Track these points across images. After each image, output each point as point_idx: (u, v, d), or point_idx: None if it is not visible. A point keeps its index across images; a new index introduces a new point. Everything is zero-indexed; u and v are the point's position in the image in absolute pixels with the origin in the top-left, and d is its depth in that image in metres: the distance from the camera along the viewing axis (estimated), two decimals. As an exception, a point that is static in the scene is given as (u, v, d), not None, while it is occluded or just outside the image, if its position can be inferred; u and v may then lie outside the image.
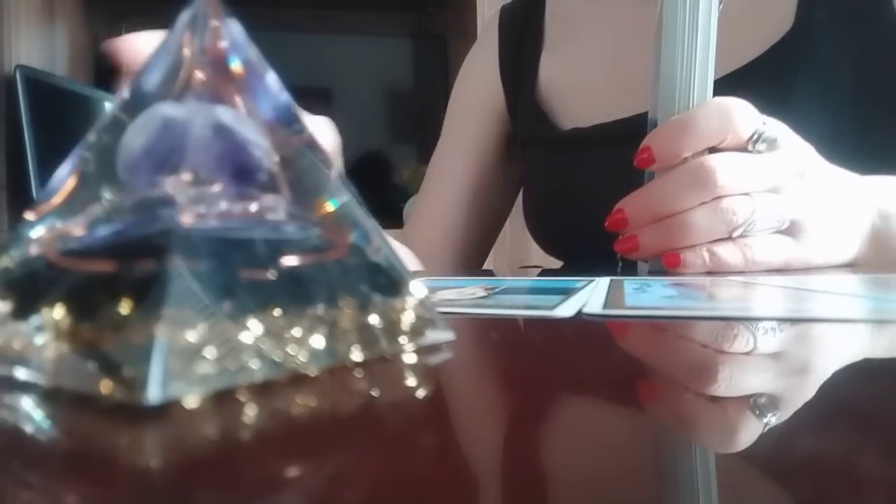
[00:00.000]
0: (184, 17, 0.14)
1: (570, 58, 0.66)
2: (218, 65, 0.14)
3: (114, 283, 0.12)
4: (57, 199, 0.14)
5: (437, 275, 0.42)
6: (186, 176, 0.12)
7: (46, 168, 1.14)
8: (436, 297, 0.26)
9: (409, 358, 0.14)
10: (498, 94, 0.71)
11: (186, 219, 0.12)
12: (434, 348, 0.15)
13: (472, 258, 0.72)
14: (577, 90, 0.64)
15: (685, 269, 0.39)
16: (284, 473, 0.08)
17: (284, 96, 0.15)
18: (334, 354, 0.13)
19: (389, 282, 0.15)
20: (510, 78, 0.71)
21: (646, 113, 0.44)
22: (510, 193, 0.75)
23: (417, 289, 0.16)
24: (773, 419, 0.10)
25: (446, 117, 0.76)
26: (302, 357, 0.12)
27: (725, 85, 0.41)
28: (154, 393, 0.10)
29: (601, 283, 0.30)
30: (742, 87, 0.40)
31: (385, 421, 0.10)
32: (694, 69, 0.40)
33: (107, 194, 0.13)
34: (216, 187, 0.13)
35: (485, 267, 0.72)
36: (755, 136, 0.39)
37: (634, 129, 0.43)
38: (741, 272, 0.38)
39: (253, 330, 0.12)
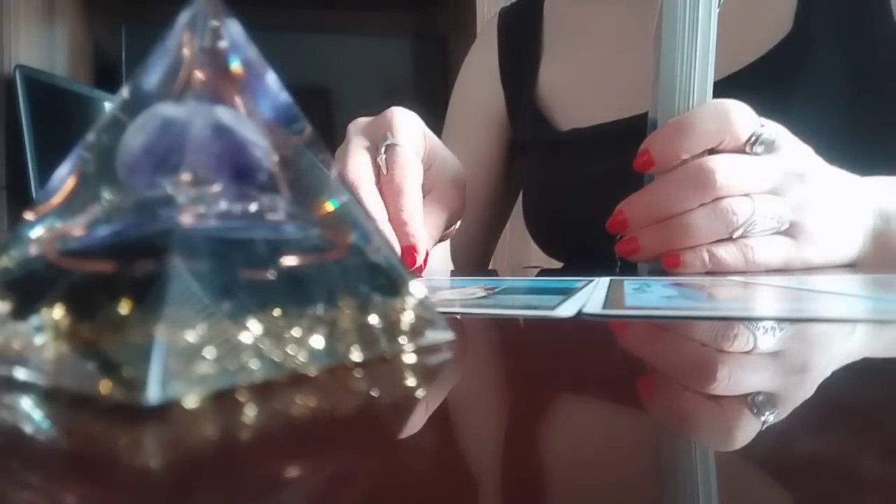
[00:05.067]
0: (184, 17, 0.14)
1: (569, 60, 0.66)
2: (218, 65, 0.14)
3: (113, 283, 0.12)
4: (57, 199, 0.14)
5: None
6: (186, 176, 0.12)
7: (46, 168, 1.14)
8: (436, 297, 0.26)
9: (409, 358, 0.14)
10: (498, 99, 0.72)
11: (186, 219, 0.12)
12: (434, 348, 0.15)
13: (474, 260, 0.72)
14: (576, 92, 0.65)
15: (685, 270, 0.39)
16: (284, 473, 0.08)
17: (284, 96, 0.15)
18: (334, 354, 0.13)
19: (389, 282, 0.15)
20: (510, 82, 0.71)
21: (645, 114, 0.44)
22: (511, 196, 0.76)
23: (417, 289, 0.16)
24: (770, 417, 0.10)
25: (446, 122, 0.76)
26: (302, 357, 0.12)
27: (724, 88, 0.42)
28: (153, 393, 0.10)
29: (601, 283, 0.30)
30: (741, 90, 0.40)
31: (385, 421, 0.10)
32: (694, 70, 0.40)
33: (107, 194, 0.13)
34: (216, 187, 0.13)
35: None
36: (753, 138, 0.39)
37: (633, 129, 0.43)
38: (741, 272, 0.38)
39: (253, 330, 0.12)
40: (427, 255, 0.42)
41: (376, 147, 0.44)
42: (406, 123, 0.45)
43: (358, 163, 0.43)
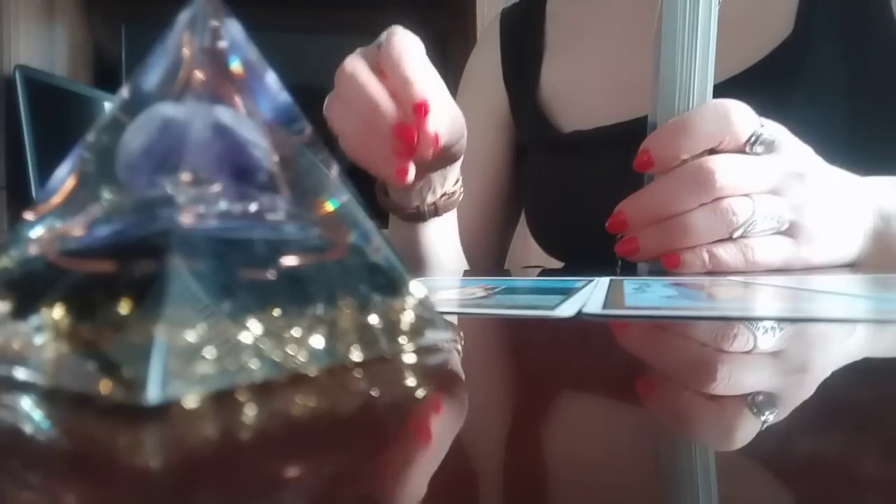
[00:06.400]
0: (183, 17, 0.14)
1: (572, 62, 0.66)
2: (218, 65, 0.14)
3: (113, 283, 0.12)
4: (57, 199, 0.14)
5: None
6: (186, 176, 0.12)
7: (46, 168, 1.14)
8: (436, 297, 0.26)
9: (409, 358, 0.14)
10: (503, 99, 0.72)
11: (186, 219, 0.12)
12: (434, 348, 0.15)
13: (488, 259, 0.72)
14: (579, 94, 0.65)
15: (685, 270, 0.39)
16: (284, 473, 0.08)
17: (284, 96, 0.15)
18: (334, 354, 0.13)
19: (389, 282, 0.15)
20: (513, 83, 0.71)
21: (646, 116, 0.44)
22: (521, 194, 0.76)
23: (417, 289, 0.16)
24: (770, 417, 0.10)
25: None
26: (302, 357, 0.12)
27: (725, 89, 0.42)
28: (153, 393, 0.10)
29: (601, 283, 0.30)
30: (741, 92, 0.40)
31: (385, 421, 0.10)
32: (693, 71, 0.40)
33: (106, 194, 0.13)
34: (216, 187, 0.13)
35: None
36: (753, 138, 0.39)
37: (635, 131, 0.43)
38: (741, 272, 0.38)
39: (253, 330, 0.12)
40: (438, 138, 0.39)
41: (373, 52, 0.42)
42: (405, 30, 0.44)
43: (353, 61, 0.41)
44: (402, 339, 0.15)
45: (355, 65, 0.41)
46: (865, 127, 0.52)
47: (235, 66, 0.14)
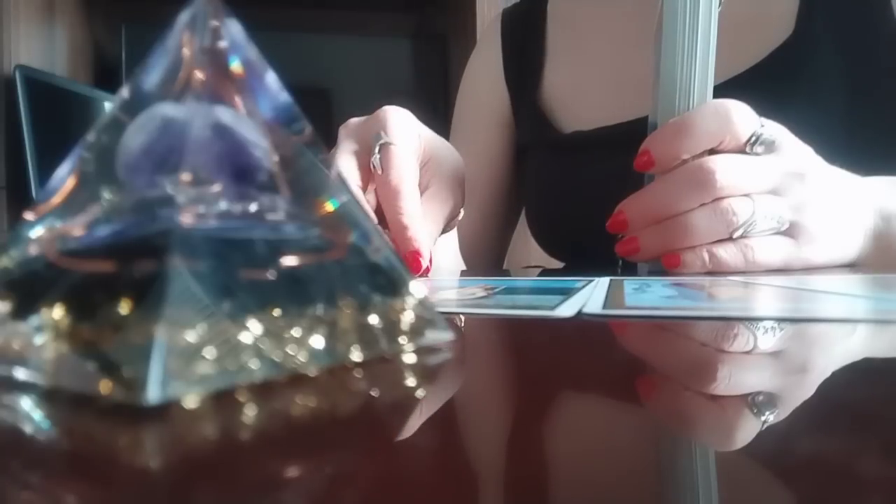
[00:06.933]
0: (183, 17, 0.14)
1: (573, 62, 0.66)
2: (218, 65, 0.14)
3: (113, 283, 0.12)
4: (57, 199, 0.14)
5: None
6: (186, 176, 0.12)
7: (46, 168, 1.14)
8: (436, 297, 0.26)
9: (409, 358, 0.14)
10: (503, 100, 0.72)
11: (186, 219, 0.12)
12: (434, 348, 0.15)
13: (487, 259, 0.72)
14: (580, 94, 0.65)
15: (685, 270, 0.39)
16: (284, 473, 0.08)
17: (284, 96, 0.15)
18: (334, 354, 0.13)
19: (389, 282, 0.15)
20: (514, 83, 0.71)
21: (647, 116, 0.44)
22: (521, 195, 0.76)
23: (417, 289, 0.16)
24: (770, 417, 0.10)
25: (453, 123, 0.76)
26: (301, 357, 0.12)
27: (725, 90, 0.42)
28: (153, 393, 0.10)
29: (601, 283, 0.30)
30: (742, 93, 0.40)
31: (385, 421, 0.10)
32: (694, 71, 0.40)
33: (107, 194, 0.13)
34: (216, 187, 0.13)
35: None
36: (753, 138, 0.39)
37: (636, 132, 0.43)
38: (741, 272, 0.38)
39: (252, 330, 0.12)
40: (430, 257, 0.41)
41: (367, 149, 0.43)
42: (399, 122, 0.44)
43: (343, 168, 0.43)
44: (402, 339, 0.15)
45: (347, 177, 0.42)
46: (866, 127, 0.52)
47: (235, 66, 0.14)
